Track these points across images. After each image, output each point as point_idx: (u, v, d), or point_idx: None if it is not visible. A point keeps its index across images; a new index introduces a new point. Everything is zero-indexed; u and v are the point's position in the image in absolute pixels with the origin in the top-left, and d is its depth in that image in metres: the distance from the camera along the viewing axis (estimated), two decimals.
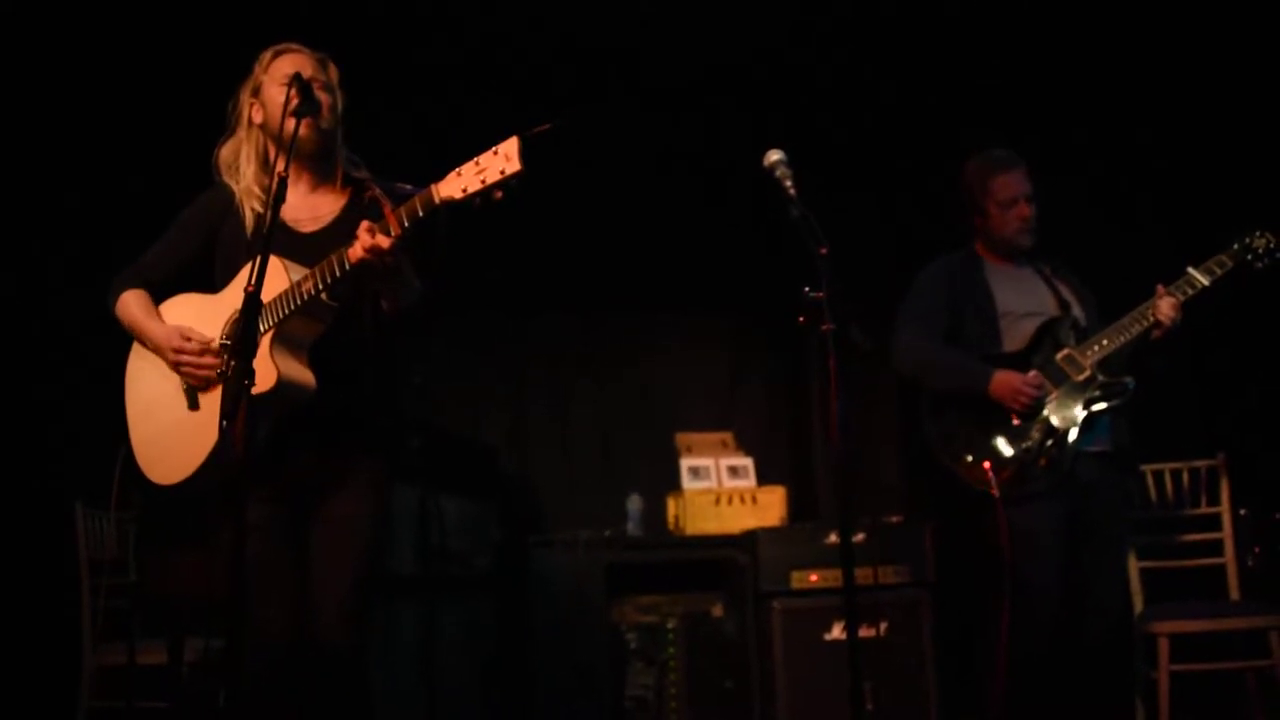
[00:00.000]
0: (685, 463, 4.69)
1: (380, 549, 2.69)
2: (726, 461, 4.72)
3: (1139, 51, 4.66)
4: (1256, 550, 3.98)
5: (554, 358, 5.09)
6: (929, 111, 4.93)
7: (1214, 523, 3.97)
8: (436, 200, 2.33)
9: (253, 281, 2.15)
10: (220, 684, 2.76)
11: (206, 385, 2.55)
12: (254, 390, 2.31)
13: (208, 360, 2.54)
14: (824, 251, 2.48)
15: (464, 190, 2.29)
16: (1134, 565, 3.89)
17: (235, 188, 2.66)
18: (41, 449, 4.21)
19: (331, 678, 2.55)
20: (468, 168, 2.30)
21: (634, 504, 4.62)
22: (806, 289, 2.48)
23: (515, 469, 4.95)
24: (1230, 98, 4.57)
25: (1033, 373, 3.39)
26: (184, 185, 2.79)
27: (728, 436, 4.87)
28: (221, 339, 2.56)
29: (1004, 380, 3.37)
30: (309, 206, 2.67)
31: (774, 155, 2.63)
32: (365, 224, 2.39)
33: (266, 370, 2.42)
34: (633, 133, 4.77)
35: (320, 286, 2.44)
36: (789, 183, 2.59)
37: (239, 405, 2.05)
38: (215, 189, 2.72)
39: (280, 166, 2.30)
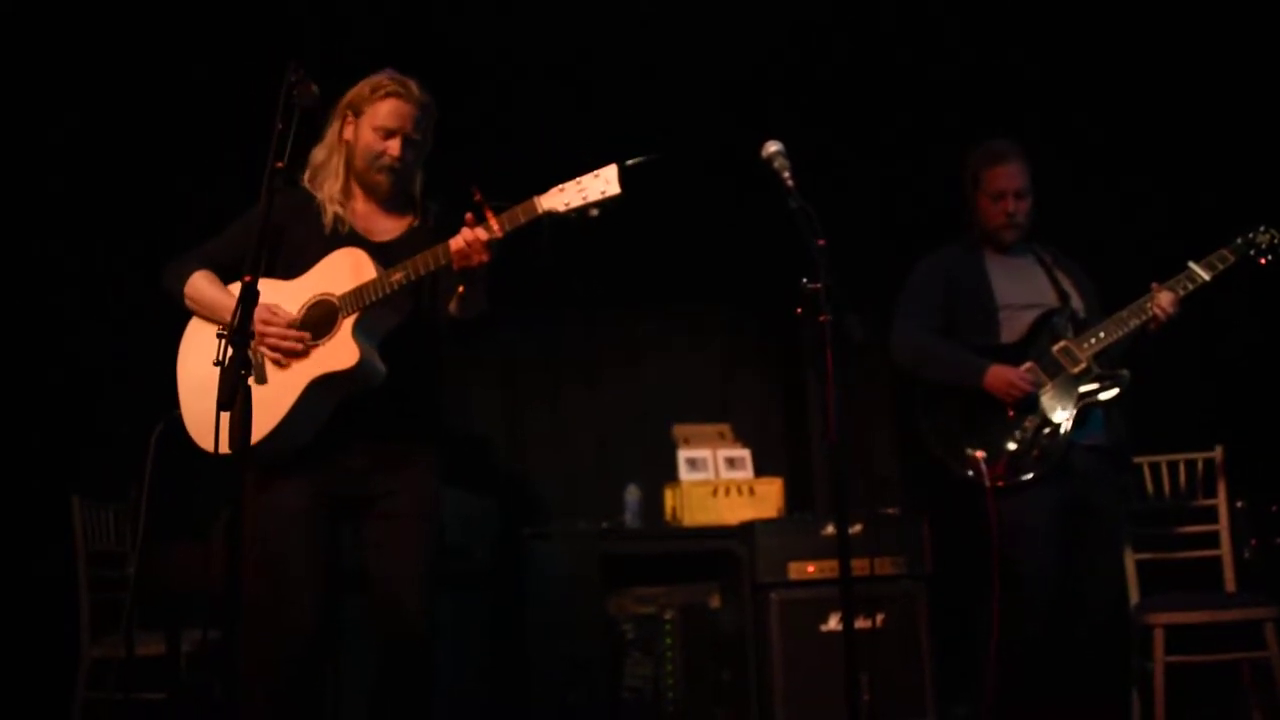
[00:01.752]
0: (682, 454, 4.69)
1: (442, 537, 2.79)
2: (724, 453, 4.72)
3: (1144, 40, 4.64)
4: (1253, 542, 3.99)
5: (550, 350, 5.08)
6: (927, 100, 4.92)
7: (1210, 515, 3.97)
8: (539, 210, 2.52)
9: (250, 273, 2.17)
10: (217, 675, 2.77)
11: (285, 360, 2.63)
12: (335, 367, 2.56)
13: (292, 334, 2.62)
14: (822, 243, 2.49)
15: (566, 205, 2.51)
16: (1130, 557, 3.89)
17: (318, 194, 2.77)
18: (39, 441, 4.20)
19: (416, 665, 2.65)
20: (570, 185, 2.52)
21: (631, 495, 4.62)
22: (804, 280, 2.49)
23: (512, 461, 4.95)
24: (1236, 88, 4.56)
25: (1026, 365, 3.39)
26: (187, 185, 2.81)
27: (725, 428, 4.87)
28: (299, 321, 2.66)
29: (998, 373, 3.38)
30: (380, 218, 2.80)
31: (772, 146, 2.64)
32: (469, 216, 2.53)
33: (349, 350, 2.58)
34: (630, 121, 4.77)
35: (412, 278, 2.58)
36: (787, 174, 2.59)
37: (236, 395, 2.06)
38: (289, 191, 2.76)
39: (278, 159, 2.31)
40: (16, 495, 4.13)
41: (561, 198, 2.51)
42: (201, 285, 2.75)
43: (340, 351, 2.58)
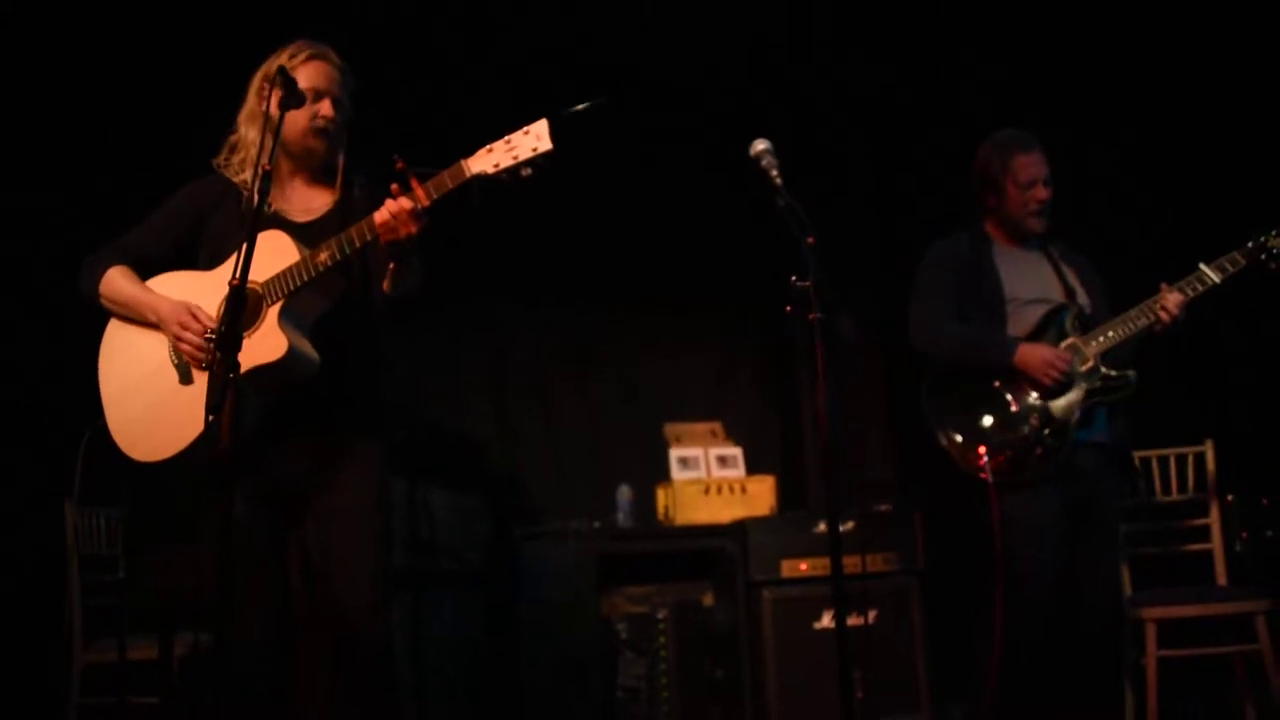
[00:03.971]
0: (674, 453, 4.69)
1: (390, 532, 2.69)
2: (716, 451, 4.73)
3: (1159, 37, 4.64)
4: (1244, 536, 4.00)
5: (541, 349, 5.08)
6: (921, 101, 4.93)
7: (1201, 509, 3.98)
8: (467, 175, 2.38)
9: (236, 275, 2.14)
10: (210, 679, 2.74)
11: (203, 365, 2.52)
12: (264, 360, 2.39)
13: (211, 347, 2.49)
14: (811, 241, 2.48)
15: (495, 166, 2.36)
16: (1122, 551, 3.90)
17: (236, 178, 2.67)
18: (30, 444, 4.19)
19: (367, 667, 2.55)
20: (498, 145, 2.37)
21: (623, 495, 4.62)
22: (794, 278, 2.48)
23: (504, 461, 4.94)
24: (1243, 89, 4.55)
25: (1063, 346, 3.36)
26: (174, 175, 2.80)
27: (717, 426, 4.87)
28: (218, 318, 2.54)
29: (1031, 351, 3.32)
30: (301, 198, 2.69)
31: (760, 145, 2.63)
32: (395, 187, 2.41)
33: (276, 340, 2.44)
34: (621, 123, 4.78)
35: (339, 257, 2.45)
36: (775, 172, 2.59)
37: (225, 399, 2.03)
38: (209, 178, 2.72)
39: (265, 160, 2.30)
40: (7, 498, 4.11)
41: (490, 159, 2.37)
42: (118, 282, 2.64)
43: (267, 343, 2.43)
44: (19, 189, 4.27)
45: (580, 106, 2.42)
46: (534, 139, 2.35)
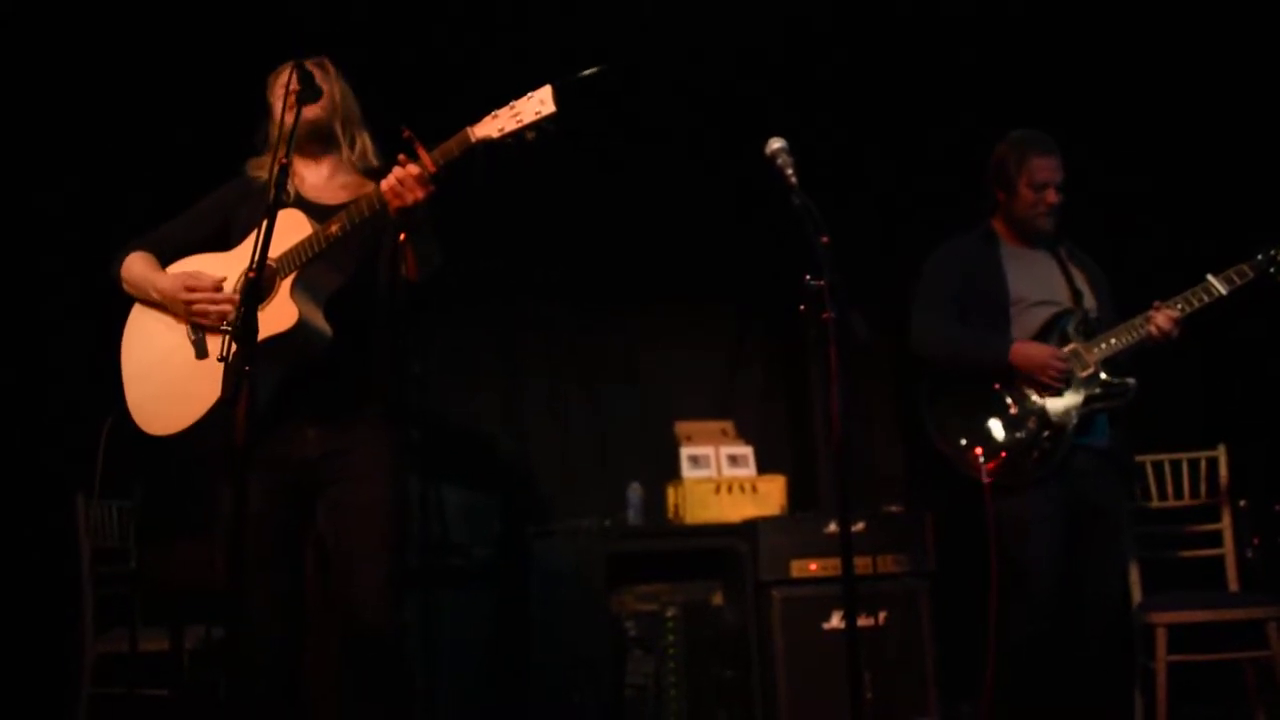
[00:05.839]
0: (685, 451, 4.69)
1: (406, 528, 2.71)
2: (726, 450, 4.72)
3: (1166, 45, 4.63)
4: (1255, 541, 3.99)
5: (552, 347, 5.08)
6: (929, 98, 4.92)
7: (1213, 514, 3.97)
8: (472, 140, 2.42)
9: (254, 264, 2.15)
10: (221, 672, 2.75)
11: (220, 326, 2.55)
12: (274, 330, 2.40)
13: (221, 298, 2.55)
14: (825, 240, 2.49)
15: (500, 130, 2.40)
16: (1133, 556, 3.89)
17: (264, 174, 2.69)
18: (42, 437, 4.21)
19: (377, 663, 2.56)
20: (503, 111, 2.42)
21: (634, 493, 4.62)
22: (807, 277, 2.48)
23: (515, 459, 4.94)
24: (1253, 100, 4.54)
25: (1066, 351, 3.35)
26: (183, 172, 2.82)
27: (728, 425, 4.87)
28: (235, 287, 2.56)
29: (1025, 350, 3.33)
30: (330, 189, 2.73)
31: (775, 144, 2.63)
32: (402, 156, 2.45)
33: (287, 310, 2.46)
34: (631, 118, 4.78)
35: (349, 227, 2.48)
36: (790, 171, 2.59)
37: (241, 386, 2.04)
38: (238, 179, 2.77)
39: (282, 153, 2.32)
40: (20, 491, 4.13)
41: (495, 124, 2.42)
42: (135, 266, 2.70)
43: (279, 313, 2.45)
44: (31, 175, 4.30)
45: (585, 73, 2.44)
46: (538, 103, 2.39)
